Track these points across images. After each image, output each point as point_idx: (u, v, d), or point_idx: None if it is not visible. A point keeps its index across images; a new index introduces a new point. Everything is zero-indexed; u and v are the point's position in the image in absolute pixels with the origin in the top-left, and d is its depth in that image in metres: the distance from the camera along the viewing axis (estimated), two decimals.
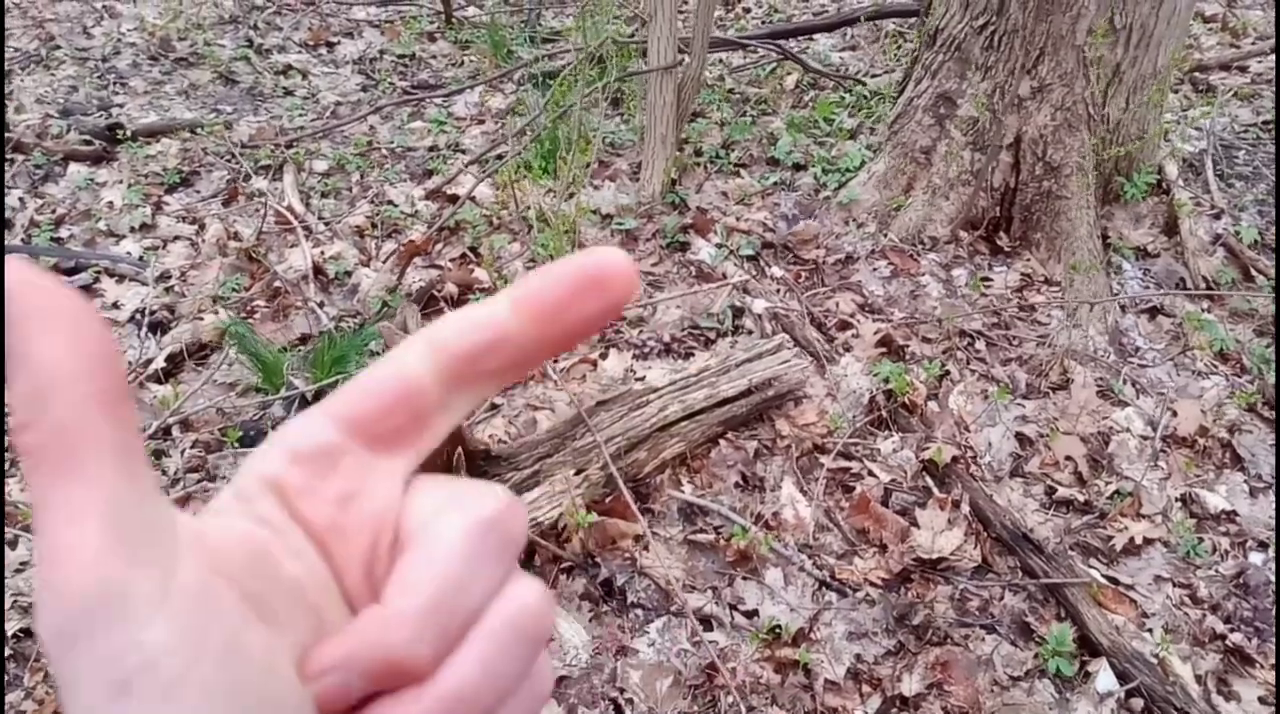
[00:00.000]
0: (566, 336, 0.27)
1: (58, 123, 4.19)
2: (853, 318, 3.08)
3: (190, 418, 2.64)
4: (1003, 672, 2.08)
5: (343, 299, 3.22)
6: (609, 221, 3.55)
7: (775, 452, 2.58)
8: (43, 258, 3.29)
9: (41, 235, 3.46)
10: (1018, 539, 2.33)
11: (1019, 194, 3.31)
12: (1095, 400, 2.81)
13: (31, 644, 2.08)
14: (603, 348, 2.91)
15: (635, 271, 0.28)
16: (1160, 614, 2.21)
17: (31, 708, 1.94)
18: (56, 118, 4.26)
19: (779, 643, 2.09)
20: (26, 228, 3.51)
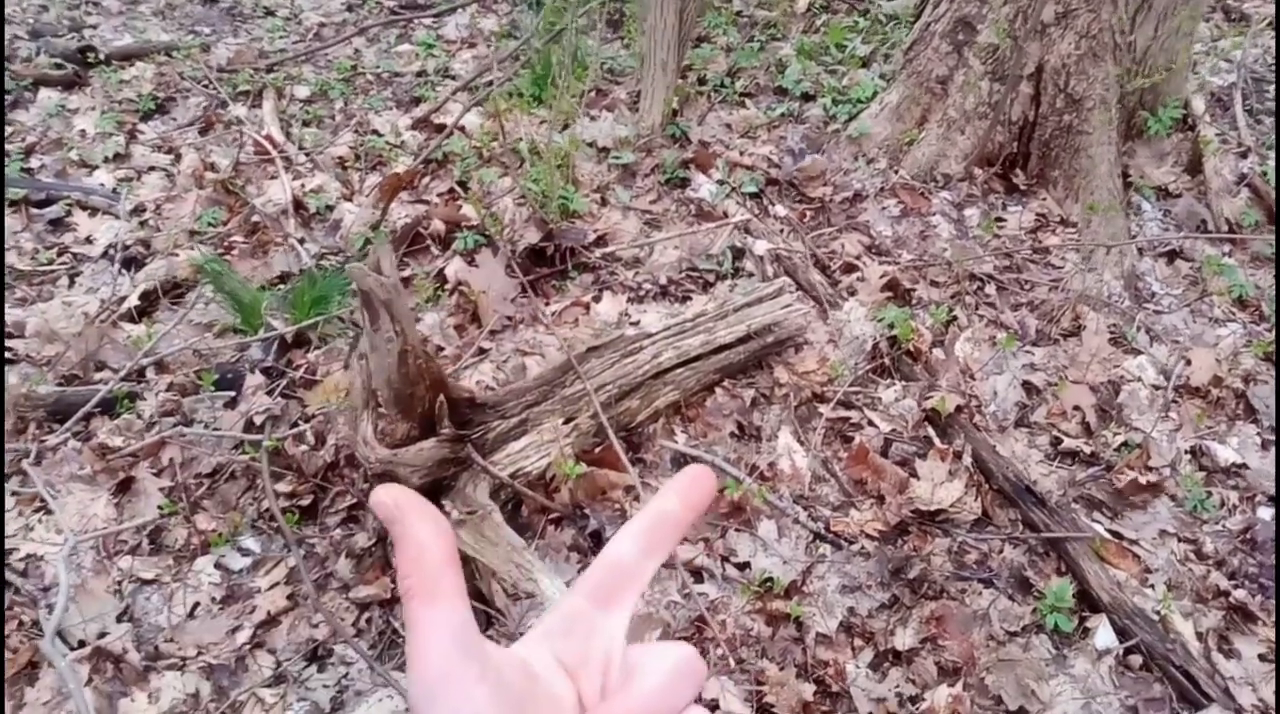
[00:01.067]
0: None
1: (27, 45, 4.08)
2: (859, 260, 3.04)
3: (165, 359, 2.63)
4: (999, 627, 2.10)
5: (324, 235, 3.18)
6: (605, 155, 3.48)
7: (773, 400, 2.56)
8: (13, 189, 3.23)
9: (12, 165, 3.40)
10: (1020, 491, 2.33)
11: (1038, 128, 3.24)
12: (1107, 348, 2.78)
13: (4, 593, 2.10)
14: (596, 291, 2.87)
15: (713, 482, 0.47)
16: (1163, 570, 2.22)
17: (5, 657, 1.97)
18: (26, 39, 4.15)
19: (771, 596, 2.11)
20: None
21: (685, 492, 0.46)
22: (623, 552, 0.45)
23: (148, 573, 2.15)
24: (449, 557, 0.38)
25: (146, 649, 2.01)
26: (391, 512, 0.38)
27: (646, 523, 0.45)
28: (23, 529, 2.23)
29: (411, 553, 0.37)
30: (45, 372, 2.62)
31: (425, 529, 0.37)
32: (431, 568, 0.37)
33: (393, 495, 0.38)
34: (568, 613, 0.44)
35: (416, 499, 0.38)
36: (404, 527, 0.37)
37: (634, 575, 0.44)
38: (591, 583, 0.44)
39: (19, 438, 2.43)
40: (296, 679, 1.98)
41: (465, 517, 1.99)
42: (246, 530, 2.26)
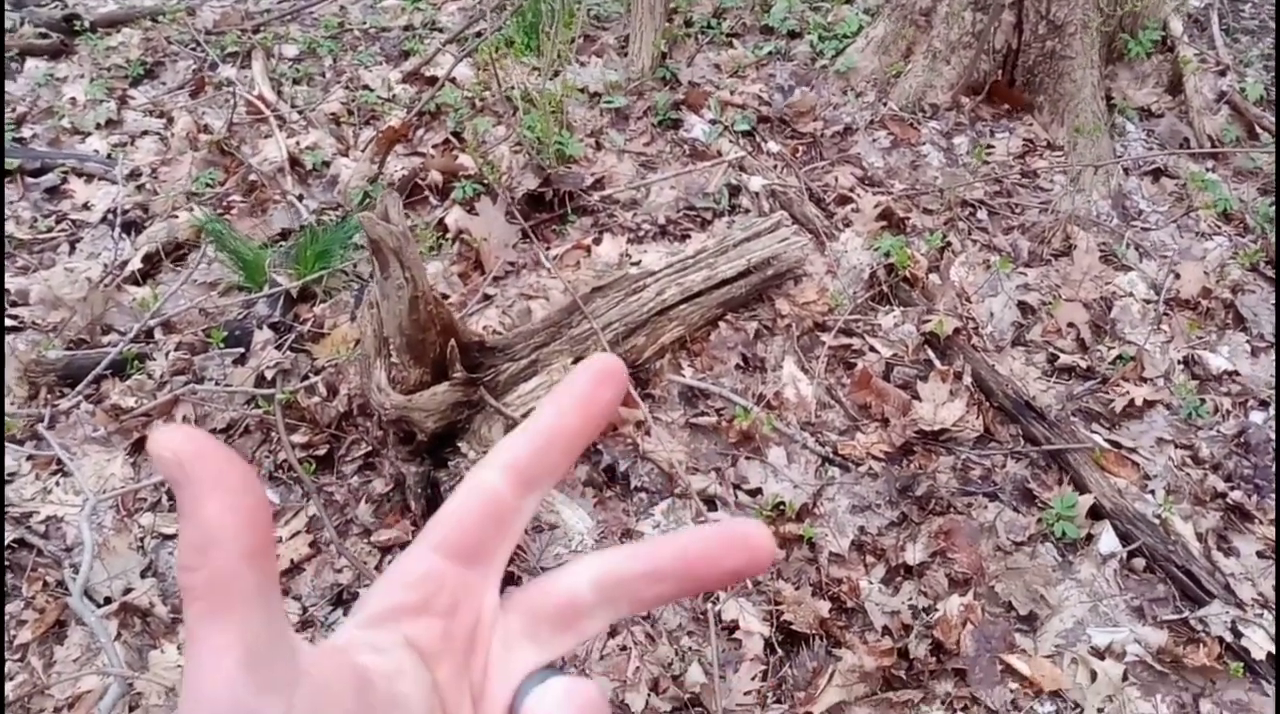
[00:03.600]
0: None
1: (11, 15, 3.92)
2: (852, 192, 2.97)
3: (172, 320, 2.55)
4: (1005, 538, 2.07)
5: (322, 191, 3.08)
6: (597, 100, 3.38)
7: (775, 332, 2.51)
8: (7, 158, 3.11)
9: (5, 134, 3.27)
10: (1020, 407, 2.30)
11: (1021, 55, 3.14)
12: (1098, 266, 2.73)
13: (26, 555, 2.05)
14: (596, 233, 2.80)
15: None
16: (1162, 476, 2.20)
17: (32, 616, 1.93)
18: (10, 9, 3.98)
19: (783, 519, 2.08)
20: None
21: (584, 394, 0.33)
22: (491, 486, 0.32)
23: (169, 528, 2.10)
24: (254, 542, 0.26)
25: (173, 603, 1.97)
26: (174, 472, 0.25)
27: (526, 446, 0.33)
28: (41, 492, 2.18)
29: (197, 538, 0.25)
30: (52, 337, 2.54)
31: (222, 504, 0.25)
32: (224, 561, 0.25)
33: (176, 445, 0.25)
34: (421, 577, 0.32)
35: (214, 454, 0.26)
36: (192, 499, 0.25)
37: (510, 521, 0.33)
38: (448, 532, 0.32)
39: (31, 403, 2.36)
40: (323, 623, 1.95)
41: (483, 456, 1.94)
42: (264, 482, 2.21)
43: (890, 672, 1.82)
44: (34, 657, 1.89)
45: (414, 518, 2.10)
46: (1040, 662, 1.85)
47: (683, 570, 0.32)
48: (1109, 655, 1.87)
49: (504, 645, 0.33)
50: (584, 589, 0.32)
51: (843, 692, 1.79)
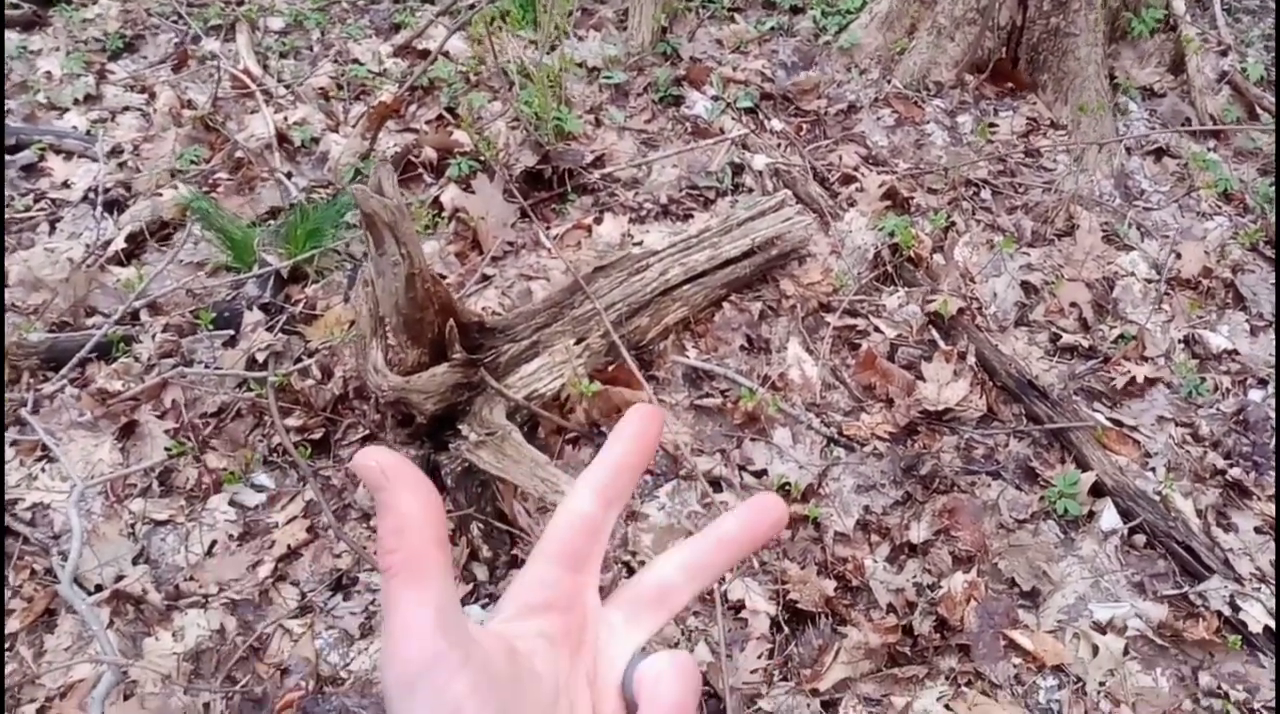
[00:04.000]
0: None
1: None
2: (856, 171, 3.01)
3: (158, 301, 2.56)
4: (1008, 515, 2.13)
5: (311, 168, 3.09)
6: (596, 75, 3.40)
7: (780, 312, 2.55)
8: None
9: None
10: (1023, 387, 2.35)
11: (1026, 33, 3.19)
12: (1100, 245, 2.79)
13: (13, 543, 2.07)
14: (597, 212, 2.83)
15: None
16: (1162, 453, 2.26)
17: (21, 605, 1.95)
18: None
19: (788, 499, 2.13)
20: None
21: (634, 435, 0.43)
22: (582, 508, 0.42)
23: (160, 514, 2.12)
24: (437, 531, 0.34)
25: (167, 589, 2.00)
26: (377, 478, 0.34)
27: (604, 475, 0.43)
28: (26, 478, 2.19)
29: (395, 525, 0.33)
30: (33, 320, 2.55)
31: (413, 499, 0.34)
32: (416, 543, 0.33)
33: (379, 458, 0.34)
34: (542, 582, 0.41)
35: (403, 464, 0.34)
36: (390, 495, 0.34)
37: (598, 531, 0.42)
38: (558, 546, 0.42)
39: (13, 387, 2.38)
40: (323, 609, 1.99)
41: (485, 438, 1.98)
42: (258, 467, 2.24)
43: (895, 648, 1.88)
44: (23, 646, 1.91)
45: None
46: (1043, 637, 1.92)
47: (738, 537, 0.44)
48: (1110, 630, 1.93)
49: (609, 635, 0.41)
50: (673, 574, 0.43)
51: (848, 668, 1.85)
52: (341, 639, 1.95)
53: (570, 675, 0.39)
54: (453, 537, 2.10)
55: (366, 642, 1.95)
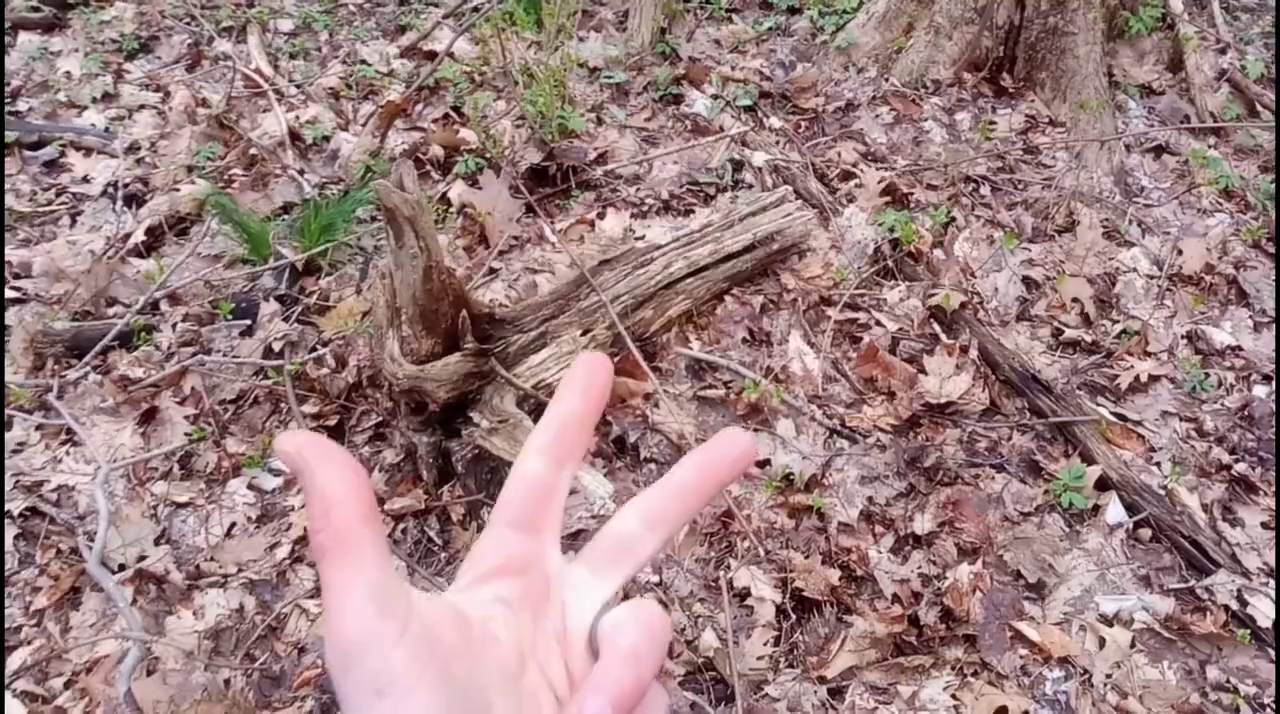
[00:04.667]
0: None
1: None
2: (855, 167, 2.98)
3: (177, 292, 2.55)
4: (1013, 508, 2.10)
5: (323, 165, 3.08)
6: (597, 75, 3.38)
7: (781, 306, 2.53)
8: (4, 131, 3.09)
9: None
10: (1026, 380, 2.32)
11: (1024, 32, 3.16)
12: (1101, 242, 2.76)
13: (39, 523, 2.06)
14: (599, 208, 2.81)
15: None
16: (1168, 448, 2.23)
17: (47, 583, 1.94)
18: None
19: (792, 490, 2.10)
20: None
21: (582, 386, 0.41)
22: (533, 470, 0.40)
23: (181, 496, 2.11)
24: (362, 507, 0.33)
25: (188, 569, 1.99)
26: (295, 461, 0.33)
27: (551, 432, 0.41)
28: (51, 461, 2.18)
29: (320, 506, 0.32)
30: (56, 310, 2.53)
31: (334, 479, 0.33)
32: (342, 522, 0.32)
33: (296, 442, 0.33)
34: (495, 548, 0.39)
35: (323, 445, 0.33)
36: (310, 478, 0.33)
37: (552, 494, 0.40)
38: (511, 511, 0.40)
39: (38, 374, 2.36)
40: None
41: (497, 425, 1.96)
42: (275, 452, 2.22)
43: (901, 638, 1.86)
44: (50, 622, 1.90)
45: (425, 487, 2.12)
46: (1049, 629, 1.89)
47: (700, 480, 0.40)
48: (1117, 623, 1.90)
49: (575, 592, 0.40)
50: (631, 523, 0.40)
51: (854, 657, 1.83)
52: None
53: (536, 637, 0.38)
54: (462, 521, 2.08)
55: None
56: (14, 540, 1.99)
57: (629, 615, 0.37)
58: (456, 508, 2.07)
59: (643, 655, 0.35)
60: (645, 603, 0.37)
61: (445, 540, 2.05)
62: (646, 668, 0.35)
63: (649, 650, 0.35)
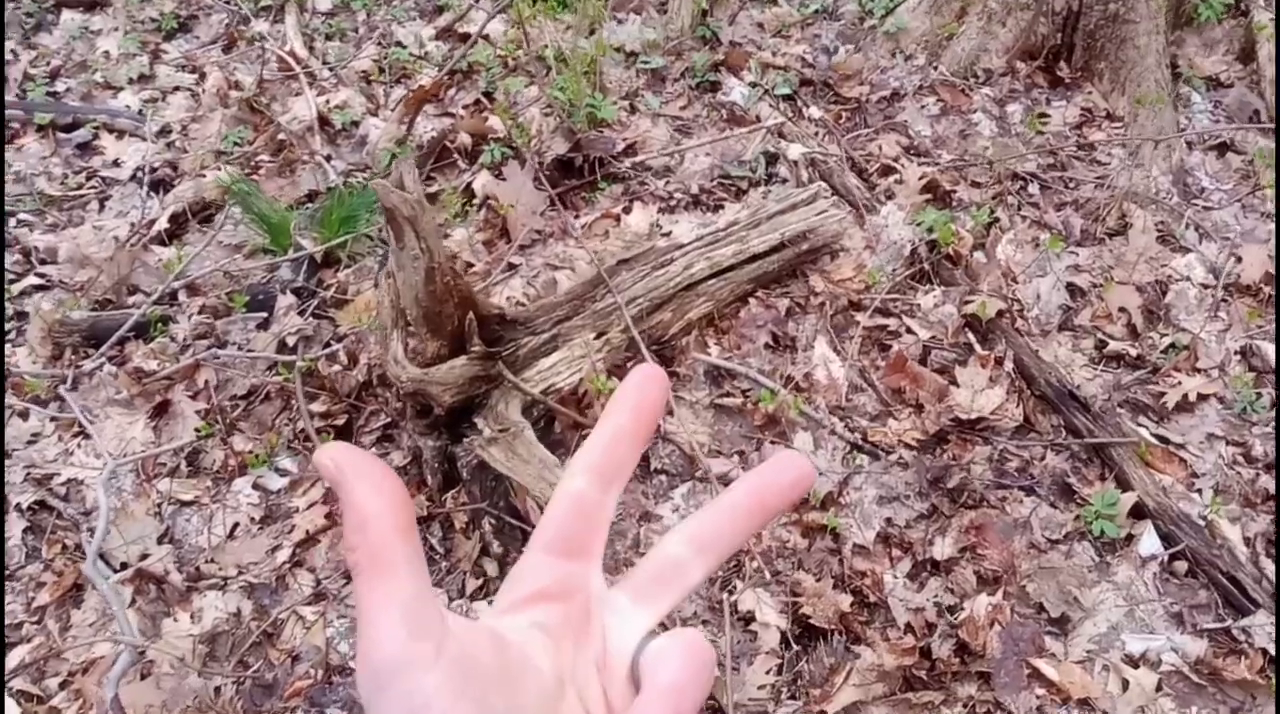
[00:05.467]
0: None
1: None
2: (896, 162, 2.83)
3: (196, 282, 2.52)
4: (1040, 534, 1.98)
5: (351, 151, 3.02)
6: (634, 60, 3.26)
7: (808, 310, 2.41)
8: (39, 114, 3.09)
9: (36, 89, 3.26)
10: (1063, 397, 2.18)
11: (1082, 18, 2.94)
12: (1154, 246, 2.57)
13: (47, 517, 2.05)
14: (626, 202, 2.70)
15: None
16: (1211, 474, 2.07)
17: (51, 579, 1.93)
18: None
19: (807, 507, 2.00)
20: (21, 82, 3.30)
21: (633, 402, 0.39)
22: (577, 490, 0.38)
23: (186, 495, 2.09)
24: (399, 522, 0.31)
25: (188, 570, 1.97)
26: (333, 474, 0.32)
27: (599, 451, 0.38)
28: (62, 454, 2.18)
29: (356, 521, 0.31)
30: (78, 297, 2.53)
31: (370, 493, 0.31)
32: (379, 537, 0.31)
33: (334, 455, 0.32)
34: (535, 571, 0.37)
35: (362, 458, 0.32)
36: (347, 491, 0.31)
37: (597, 515, 0.38)
38: (552, 532, 0.38)
39: (55, 363, 2.36)
40: (336, 596, 1.93)
41: (497, 435, 1.88)
42: (283, 451, 2.18)
43: (911, 671, 1.75)
44: (51, 620, 1.90)
45: (430, 492, 2.06)
46: (1070, 667, 1.77)
47: (751, 505, 0.38)
48: (1143, 664, 1.77)
49: (618, 619, 0.37)
50: (679, 548, 0.38)
51: (860, 691, 1.73)
52: (352, 629, 1.88)
53: (576, 664, 0.36)
54: (465, 530, 2.02)
55: None
56: (21, 534, 1.99)
57: (671, 646, 0.35)
58: (459, 515, 2.01)
59: (684, 691, 0.33)
60: (688, 634, 0.35)
61: (447, 549, 2.00)
62: (687, 703, 0.33)
63: (690, 686, 0.33)
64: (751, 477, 0.39)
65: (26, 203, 2.85)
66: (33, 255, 2.68)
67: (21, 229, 2.76)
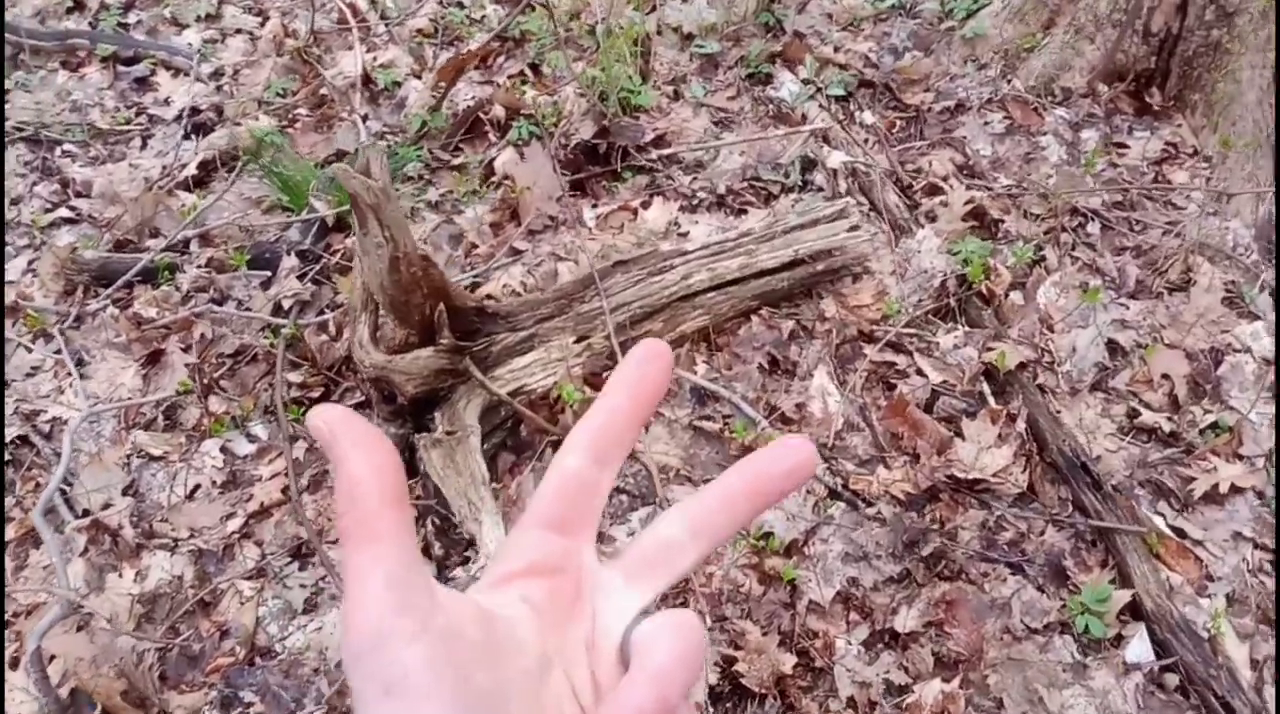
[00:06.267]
0: None
1: None
2: (945, 181, 2.56)
3: (211, 232, 2.48)
4: (1019, 619, 1.76)
5: (390, 113, 2.92)
6: (690, 42, 3.05)
7: (814, 335, 2.21)
8: (102, 45, 3.09)
9: (109, 19, 3.26)
10: (1074, 468, 1.94)
11: (1181, 43, 2.59)
12: (1218, 308, 2.26)
13: (27, 452, 2.05)
14: (647, 195, 2.53)
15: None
16: (1228, 579, 1.81)
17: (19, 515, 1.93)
18: None
19: (768, 553, 1.83)
20: (96, 11, 3.31)
21: (633, 381, 0.37)
22: (572, 467, 0.37)
23: (157, 449, 2.05)
24: (391, 491, 0.30)
25: (143, 526, 1.93)
26: (326, 437, 0.31)
27: (594, 428, 0.37)
28: (55, 391, 2.17)
29: (346, 487, 0.30)
30: (103, 233, 2.52)
31: (363, 460, 0.30)
32: (367, 505, 0.30)
33: (326, 417, 0.31)
34: (526, 546, 0.36)
35: (356, 423, 0.31)
36: (339, 456, 0.30)
37: (593, 492, 0.37)
38: (545, 506, 0.37)
39: (68, 299, 2.36)
40: (277, 575, 1.87)
41: (443, 437, 1.78)
42: (257, 416, 2.13)
43: None
44: (9, 558, 1.90)
45: None
46: None
47: (749, 490, 0.37)
48: None
49: (608, 597, 0.36)
50: (677, 530, 0.36)
51: None
52: (285, 610, 1.83)
53: (565, 642, 0.35)
54: (416, 522, 1.93)
55: (308, 618, 1.82)
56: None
57: (662, 629, 0.33)
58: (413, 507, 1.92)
59: (672, 674, 0.31)
60: (680, 615, 0.33)
61: None
62: (674, 688, 0.31)
63: (679, 670, 0.31)
64: (751, 460, 0.37)
65: (75, 133, 2.85)
66: (70, 187, 2.68)
67: (64, 159, 2.77)
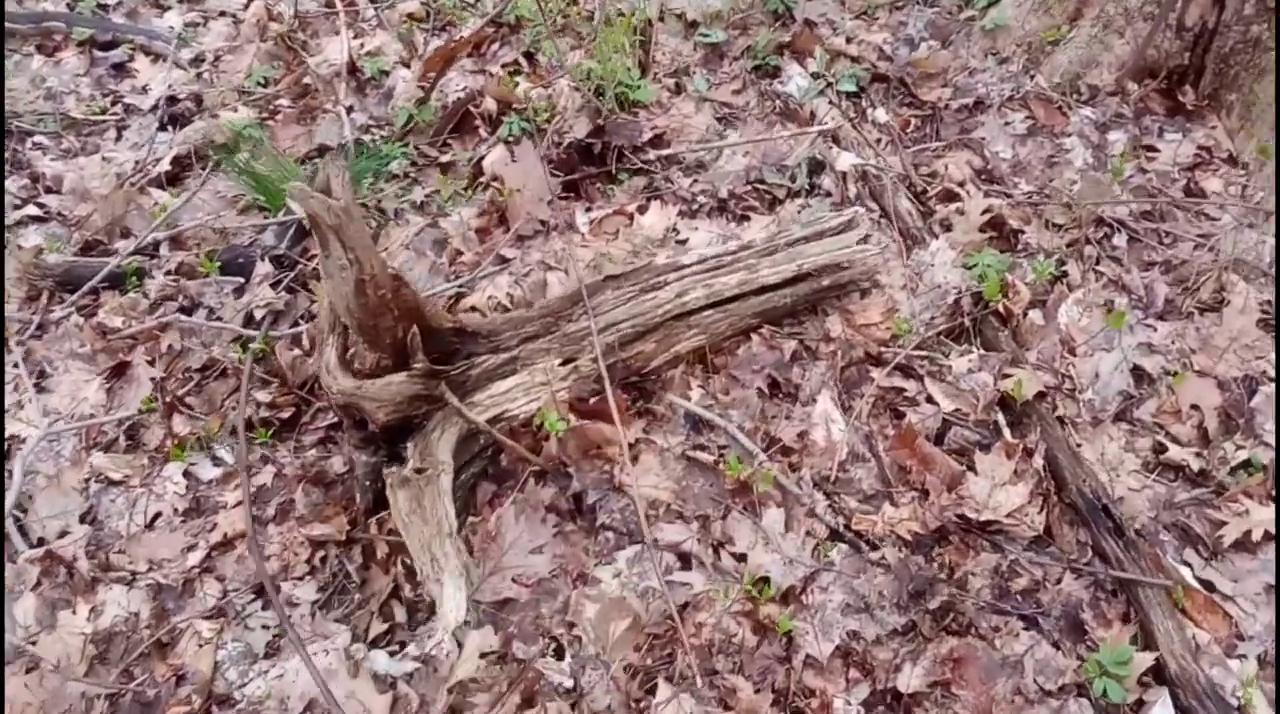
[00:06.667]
0: None
1: None
2: (962, 187, 2.37)
3: (183, 234, 2.32)
4: (1032, 680, 1.61)
5: (376, 104, 2.74)
6: (694, 30, 2.85)
7: (819, 356, 2.04)
8: (79, 28, 2.91)
9: (88, 1, 3.07)
10: (1094, 510, 1.77)
11: (1217, 39, 2.37)
12: (1253, 331, 2.08)
13: None
14: (644, 199, 2.35)
15: None
16: (1261, 639, 1.65)
17: None
18: None
19: (763, 600, 1.68)
20: None
21: None
22: None
23: (117, 473, 1.91)
24: None
25: (100, 558, 1.80)
26: None
27: None
28: (14, 406, 2.03)
29: None
30: (72, 232, 2.36)
31: None
32: None
33: None
34: None
35: None
36: None
37: None
38: None
39: (32, 305, 2.21)
40: (238, 614, 1.73)
41: (411, 476, 1.62)
42: (224, 437, 1.98)
43: None
44: None
45: (355, 513, 1.82)
46: None
47: None
48: None
49: None
50: None
51: None
52: (245, 654, 1.69)
53: None
54: (385, 562, 1.78)
55: (270, 663, 1.69)
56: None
57: None
58: (381, 543, 1.78)
59: None
60: None
61: (363, 579, 1.77)
62: None
63: None
64: None
65: (48, 123, 2.69)
66: (40, 182, 2.52)
67: (35, 153, 2.60)
